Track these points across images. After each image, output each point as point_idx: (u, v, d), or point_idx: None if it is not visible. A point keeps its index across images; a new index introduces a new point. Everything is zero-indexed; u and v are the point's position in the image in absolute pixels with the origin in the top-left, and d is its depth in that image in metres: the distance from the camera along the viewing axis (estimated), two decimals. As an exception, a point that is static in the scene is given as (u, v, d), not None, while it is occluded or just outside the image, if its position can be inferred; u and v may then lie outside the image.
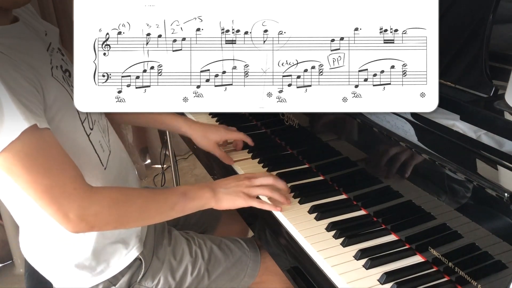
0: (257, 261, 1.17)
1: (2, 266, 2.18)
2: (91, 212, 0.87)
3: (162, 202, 0.97)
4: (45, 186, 0.83)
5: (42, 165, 0.83)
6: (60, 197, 0.84)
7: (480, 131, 0.83)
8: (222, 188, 1.01)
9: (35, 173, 0.83)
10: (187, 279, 1.10)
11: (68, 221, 0.86)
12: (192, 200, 0.98)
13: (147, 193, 0.99)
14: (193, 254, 1.12)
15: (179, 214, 0.99)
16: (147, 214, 0.96)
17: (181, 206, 0.98)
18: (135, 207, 0.94)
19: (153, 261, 1.09)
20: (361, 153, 1.05)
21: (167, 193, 0.99)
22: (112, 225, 0.94)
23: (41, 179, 0.83)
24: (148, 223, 1.06)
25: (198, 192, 0.99)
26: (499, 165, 0.77)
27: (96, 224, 0.89)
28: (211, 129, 1.29)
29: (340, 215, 1.02)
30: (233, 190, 1.01)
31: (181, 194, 0.98)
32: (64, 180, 0.85)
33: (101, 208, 0.88)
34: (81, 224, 0.87)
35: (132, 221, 0.97)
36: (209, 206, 1.00)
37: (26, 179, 0.83)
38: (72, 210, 0.85)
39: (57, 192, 0.84)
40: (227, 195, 1.00)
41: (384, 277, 0.84)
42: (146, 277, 1.07)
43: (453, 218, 0.82)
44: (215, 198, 1.00)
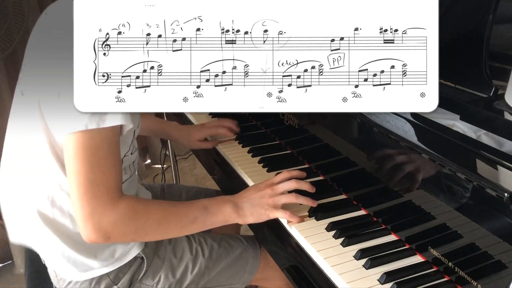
0: (257, 257, 1.18)
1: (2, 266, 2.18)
2: (111, 222, 0.88)
3: (182, 216, 0.96)
4: (87, 179, 0.86)
5: (98, 161, 0.86)
6: (90, 195, 0.86)
7: (480, 131, 0.83)
8: (245, 203, 0.99)
9: (88, 165, 0.86)
10: (188, 277, 1.11)
11: (86, 226, 0.87)
12: (214, 214, 0.97)
13: (167, 206, 0.98)
14: (193, 251, 1.13)
15: (200, 229, 0.99)
16: (166, 228, 0.95)
17: (202, 221, 0.97)
18: (154, 219, 0.93)
19: (154, 259, 1.09)
20: (361, 153, 1.05)
21: (188, 207, 0.98)
22: (130, 236, 0.95)
23: (89, 171, 0.86)
24: (167, 237, 1.05)
25: (220, 206, 0.98)
26: (499, 165, 0.77)
27: (113, 235, 0.89)
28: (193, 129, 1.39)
29: (340, 215, 1.02)
30: (257, 202, 0.99)
31: (202, 208, 0.97)
32: (105, 181, 0.87)
33: (120, 219, 0.89)
34: (98, 234, 0.87)
35: (151, 234, 0.96)
36: (232, 222, 0.99)
37: (78, 165, 0.85)
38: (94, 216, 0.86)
39: (92, 189, 0.86)
40: (252, 209, 0.99)
41: (384, 277, 0.84)
42: (146, 276, 1.08)
43: (453, 218, 0.82)
44: (237, 213, 0.99)
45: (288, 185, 1.02)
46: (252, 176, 1.20)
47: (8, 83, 2.12)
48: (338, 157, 1.11)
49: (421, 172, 0.90)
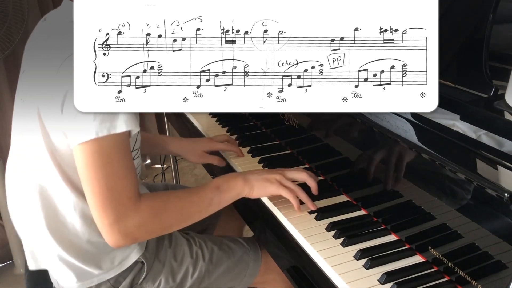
0: (258, 260, 1.17)
1: (2, 266, 2.18)
2: (136, 224, 0.89)
3: (199, 201, 0.99)
4: (105, 187, 0.86)
5: (114, 167, 0.87)
6: (112, 202, 0.87)
7: (480, 131, 0.83)
8: (253, 177, 1.03)
9: (104, 171, 0.86)
10: (188, 281, 1.10)
11: (112, 232, 0.88)
12: (227, 192, 1.01)
13: (182, 194, 1.02)
14: (193, 255, 1.12)
15: (216, 209, 1.01)
16: (187, 215, 0.99)
17: (217, 200, 1.00)
18: (175, 211, 0.96)
19: (154, 263, 1.09)
20: (361, 153, 1.05)
21: (202, 191, 1.01)
22: (156, 233, 0.98)
23: (105, 178, 0.86)
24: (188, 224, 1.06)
25: (231, 182, 1.02)
26: (499, 165, 0.77)
27: (139, 235, 0.92)
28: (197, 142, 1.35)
29: (340, 215, 1.02)
30: (265, 177, 1.03)
31: (215, 189, 1.00)
32: (124, 186, 0.88)
33: (145, 219, 0.91)
34: (124, 237, 0.89)
35: (175, 225, 0.99)
36: (244, 195, 1.02)
37: (93, 173, 0.86)
38: (118, 221, 0.87)
39: (113, 195, 0.86)
40: (259, 182, 1.02)
41: (384, 277, 0.84)
42: (147, 280, 1.07)
43: (453, 218, 0.82)
44: (248, 186, 1.02)
45: (298, 175, 1.05)
46: (252, 176, 1.19)
47: (8, 83, 2.12)
48: (338, 157, 1.11)
49: (421, 172, 0.90)
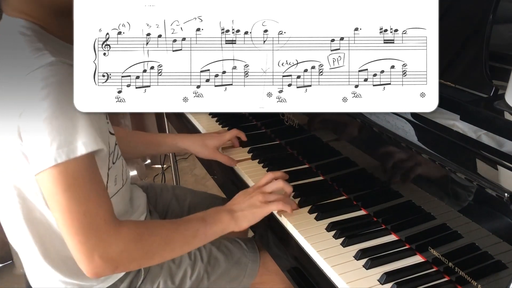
0: (256, 261, 1.17)
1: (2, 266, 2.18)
2: (116, 250, 0.84)
3: (183, 230, 0.95)
4: (78, 213, 0.81)
5: (83, 192, 0.82)
6: (88, 228, 0.81)
7: (480, 131, 0.84)
8: (237, 207, 1.00)
9: (74, 197, 0.81)
10: (187, 282, 1.10)
11: (90, 262, 0.82)
12: (212, 224, 0.97)
13: (167, 223, 0.97)
14: (192, 257, 1.12)
15: (202, 242, 0.98)
16: (172, 245, 0.93)
17: (203, 232, 0.96)
18: (159, 238, 0.91)
19: (152, 266, 1.08)
20: (361, 153, 1.05)
21: (186, 221, 0.97)
22: (137, 262, 0.91)
23: (77, 205, 0.81)
24: (173, 256, 1.03)
25: (216, 216, 0.98)
26: (499, 165, 0.77)
27: (121, 263, 0.86)
28: (206, 137, 1.30)
29: (340, 215, 1.02)
30: (248, 204, 1.00)
31: (201, 220, 0.97)
32: (98, 211, 0.83)
33: (126, 245, 0.85)
34: (105, 265, 0.83)
35: (157, 255, 0.93)
36: (231, 229, 0.99)
37: (63, 201, 0.80)
38: (97, 248, 0.82)
39: (88, 221, 0.81)
40: (244, 212, 0.99)
41: (384, 277, 0.84)
42: (145, 282, 1.07)
43: (453, 218, 0.82)
44: (234, 220, 0.98)
45: (276, 185, 1.03)
46: (252, 176, 1.20)
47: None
48: (338, 157, 1.11)
49: (421, 172, 0.90)
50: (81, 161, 0.81)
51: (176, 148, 1.32)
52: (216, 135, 1.31)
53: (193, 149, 1.30)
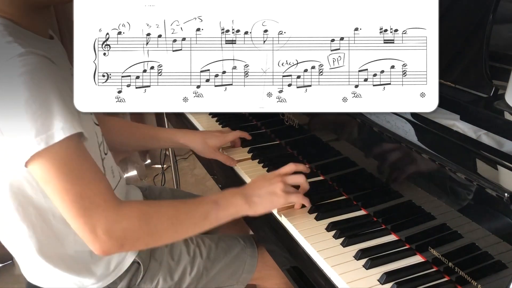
0: (254, 256, 1.17)
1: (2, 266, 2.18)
2: (120, 227, 0.83)
3: (193, 211, 0.92)
4: (75, 194, 0.81)
5: (76, 173, 0.81)
6: (89, 208, 0.81)
7: (480, 131, 0.84)
8: (255, 193, 0.98)
9: (68, 180, 0.81)
10: (186, 279, 1.10)
11: (95, 238, 0.82)
12: (225, 208, 0.95)
13: (178, 203, 0.94)
14: (191, 253, 1.12)
15: (212, 225, 0.95)
16: (180, 226, 0.91)
17: (214, 215, 0.94)
18: (166, 218, 0.89)
19: (151, 263, 1.09)
20: (361, 153, 1.05)
21: (198, 202, 0.95)
22: (144, 240, 0.89)
23: (72, 186, 0.81)
24: (182, 237, 1.02)
25: (230, 199, 0.96)
26: (499, 165, 0.77)
27: (126, 241, 0.84)
28: (208, 135, 1.28)
29: (340, 215, 1.02)
30: (268, 191, 0.98)
31: (213, 203, 0.94)
32: (95, 190, 0.82)
33: (131, 222, 0.84)
34: (110, 242, 0.82)
35: (165, 235, 0.91)
36: (244, 213, 0.97)
37: (58, 185, 0.80)
38: (100, 224, 0.81)
39: (87, 202, 0.81)
40: (262, 198, 0.97)
41: (384, 277, 0.84)
42: (144, 280, 1.07)
43: (453, 218, 0.82)
44: (248, 204, 0.96)
45: (298, 179, 1.01)
46: (252, 176, 1.20)
47: None
48: (338, 157, 1.11)
49: (421, 172, 0.90)
50: (65, 145, 0.80)
51: (176, 143, 1.30)
52: (219, 135, 1.28)
53: (194, 146, 1.29)
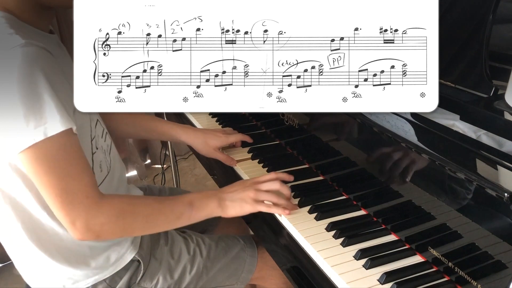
0: (254, 256, 1.18)
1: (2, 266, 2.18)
2: (98, 222, 0.88)
3: (168, 212, 0.97)
4: (60, 189, 0.84)
5: (63, 169, 0.85)
6: (70, 203, 0.85)
7: (480, 131, 0.83)
8: (228, 196, 1.01)
9: (55, 175, 0.84)
10: (186, 278, 1.11)
11: (74, 229, 0.87)
12: (199, 210, 0.99)
13: (153, 202, 0.99)
14: (191, 252, 1.13)
15: (185, 223, 0.99)
16: (153, 224, 0.96)
17: (187, 216, 0.98)
18: (141, 217, 0.94)
19: (151, 261, 1.09)
20: (361, 153, 1.05)
21: (174, 203, 0.99)
22: (118, 234, 0.96)
23: (58, 182, 0.84)
24: (154, 232, 1.06)
25: (205, 201, 0.99)
26: (499, 165, 0.77)
27: (102, 233, 0.90)
28: (210, 135, 1.29)
29: (340, 215, 1.02)
30: (239, 196, 1.01)
31: (188, 204, 0.98)
32: (79, 187, 0.86)
33: (108, 219, 0.89)
34: (88, 233, 0.88)
35: (138, 231, 0.99)
36: (216, 215, 1.00)
37: (45, 179, 0.84)
38: (79, 218, 0.86)
39: (70, 197, 0.85)
40: (234, 203, 1.00)
41: (384, 277, 0.84)
42: (144, 278, 1.07)
43: (453, 218, 0.82)
44: (221, 207, 1.00)
45: (272, 186, 1.03)
46: (252, 176, 1.19)
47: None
48: (338, 157, 1.11)
49: (421, 172, 0.90)
50: (58, 138, 0.83)
51: (177, 140, 1.32)
52: (220, 136, 1.29)
53: (194, 145, 1.29)
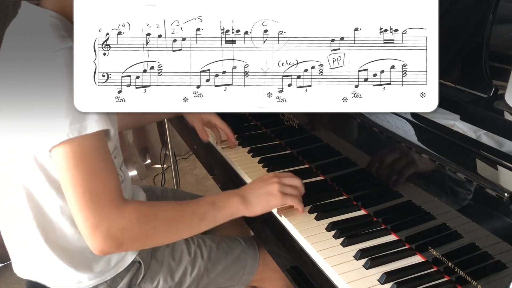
0: (255, 258, 1.18)
1: (2, 266, 2.18)
2: (119, 227, 0.85)
3: (191, 213, 0.95)
4: (87, 189, 0.84)
5: (92, 169, 0.85)
6: (94, 204, 0.84)
7: (480, 131, 0.84)
8: (251, 193, 0.99)
9: (85, 173, 0.84)
10: (187, 279, 1.10)
11: (94, 236, 0.84)
12: (222, 209, 0.96)
13: (175, 205, 0.97)
14: (192, 253, 1.13)
15: (209, 225, 0.97)
16: (177, 227, 0.94)
17: (211, 216, 0.95)
18: (164, 220, 0.92)
19: (152, 263, 1.09)
20: (361, 153, 1.05)
21: (195, 204, 0.96)
22: (141, 241, 0.92)
23: (87, 181, 0.84)
24: (178, 238, 1.04)
25: (227, 200, 0.97)
26: (499, 165, 0.77)
27: (124, 241, 0.87)
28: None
29: (340, 215, 1.02)
30: (265, 191, 0.99)
31: (210, 204, 0.96)
32: (104, 189, 0.85)
33: (130, 223, 0.87)
34: (109, 241, 0.85)
35: (162, 236, 0.94)
36: (241, 214, 0.98)
37: (75, 176, 0.84)
38: (101, 223, 0.84)
39: (94, 198, 0.84)
40: (259, 198, 0.98)
41: (384, 277, 0.84)
42: (145, 279, 1.07)
43: (453, 218, 0.82)
44: (245, 205, 0.98)
45: (295, 181, 1.02)
46: (252, 176, 1.20)
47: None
48: (338, 157, 1.11)
49: (421, 172, 0.90)
50: (92, 138, 0.84)
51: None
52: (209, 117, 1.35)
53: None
